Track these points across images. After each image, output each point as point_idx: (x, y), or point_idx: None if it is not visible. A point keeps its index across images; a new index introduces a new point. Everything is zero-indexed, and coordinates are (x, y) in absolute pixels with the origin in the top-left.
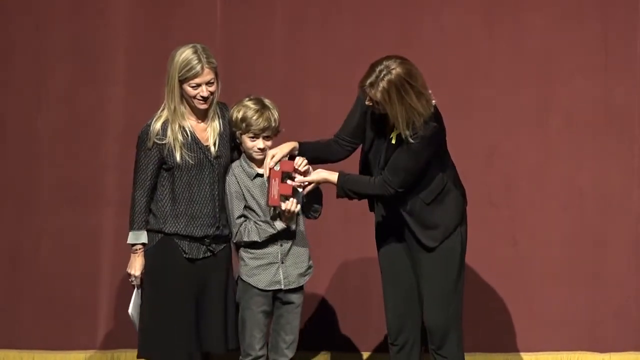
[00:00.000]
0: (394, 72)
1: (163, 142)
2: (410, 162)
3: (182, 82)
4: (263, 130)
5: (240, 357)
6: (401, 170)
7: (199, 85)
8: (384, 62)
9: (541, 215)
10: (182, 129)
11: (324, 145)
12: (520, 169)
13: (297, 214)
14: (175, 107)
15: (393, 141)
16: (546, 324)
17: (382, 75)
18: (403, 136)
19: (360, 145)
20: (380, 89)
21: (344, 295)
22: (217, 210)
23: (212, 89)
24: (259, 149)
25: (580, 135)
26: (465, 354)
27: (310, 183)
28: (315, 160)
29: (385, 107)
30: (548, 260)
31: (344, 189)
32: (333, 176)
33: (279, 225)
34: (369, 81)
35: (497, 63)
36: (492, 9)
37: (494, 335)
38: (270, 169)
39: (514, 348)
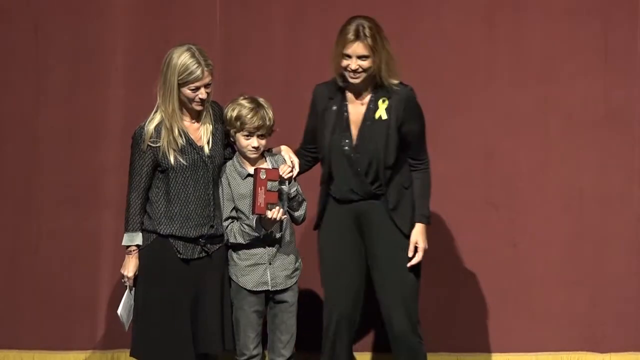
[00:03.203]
0: (369, 21)
1: (157, 145)
2: (422, 128)
3: (180, 85)
4: (257, 128)
5: (236, 357)
6: (423, 144)
7: (198, 88)
8: (355, 20)
9: (541, 215)
10: (179, 132)
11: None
12: (520, 169)
13: (282, 221)
14: (173, 109)
15: (384, 117)
16: (546, 324)
17: (363, 25)
18: (387, 82)
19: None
20: (369, 34)
21: None
22: (212, 209)
23: (209, 90)
24: (253, 147)
25: (580, 136)
26: (465, 354)
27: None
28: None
29: (374, 54)
30: (548, 261)
31: (428, 216)
32: (422, 222)
33: (263, 231)
34: (353, 36)
35: (497, 63)
36: (492, 9)
37: (494, 335)
38: (257, 177)
39: (514, 348)
